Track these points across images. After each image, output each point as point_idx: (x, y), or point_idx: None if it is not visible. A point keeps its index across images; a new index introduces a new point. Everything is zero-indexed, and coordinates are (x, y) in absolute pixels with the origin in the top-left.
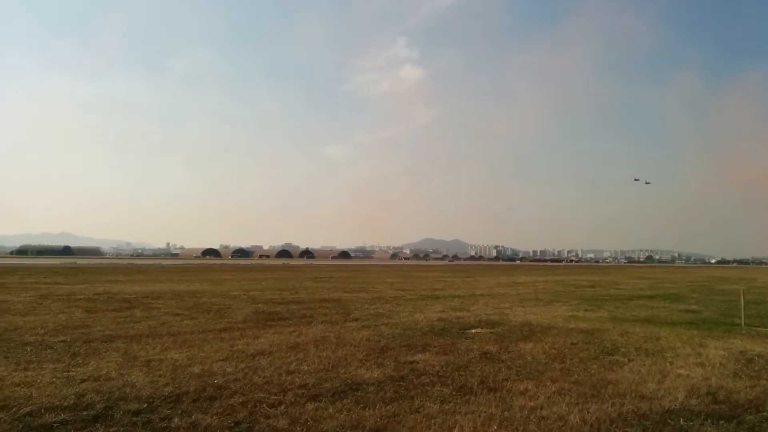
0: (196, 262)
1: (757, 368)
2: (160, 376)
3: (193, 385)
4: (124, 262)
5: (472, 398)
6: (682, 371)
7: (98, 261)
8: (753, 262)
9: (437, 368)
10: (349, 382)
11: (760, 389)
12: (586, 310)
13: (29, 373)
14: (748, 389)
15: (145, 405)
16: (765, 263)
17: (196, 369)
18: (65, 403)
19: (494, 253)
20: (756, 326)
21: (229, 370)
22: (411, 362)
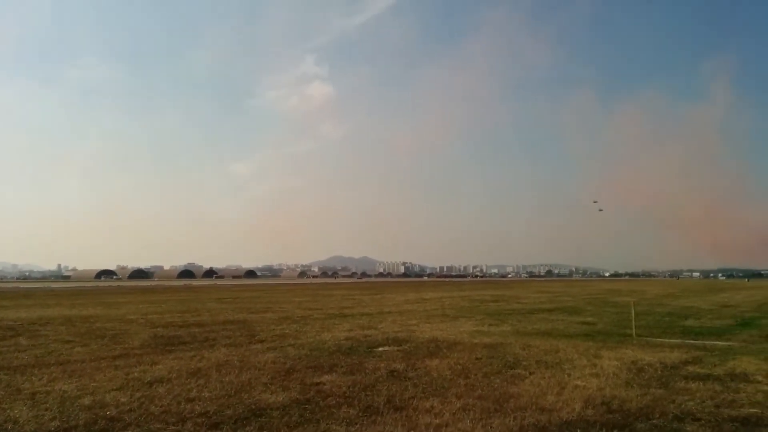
0: (89, 284)
1: (647, 377)
2: (47, 409)
3: (83, 418)
4: (9, 285)
5: (379, 418)
6: (579, 382)
7: None
8: (643, 275)
9: (344, 389)
10: (253, 407)
11: (650, 397)
12: (490, 324)
13: None
14: (639, 397)
15: None
16: (654, 276)
17: (87, 400)
18: None
19: (402, 270)
20: (646, 336)
21: (123, 400)
22: (317, 384)
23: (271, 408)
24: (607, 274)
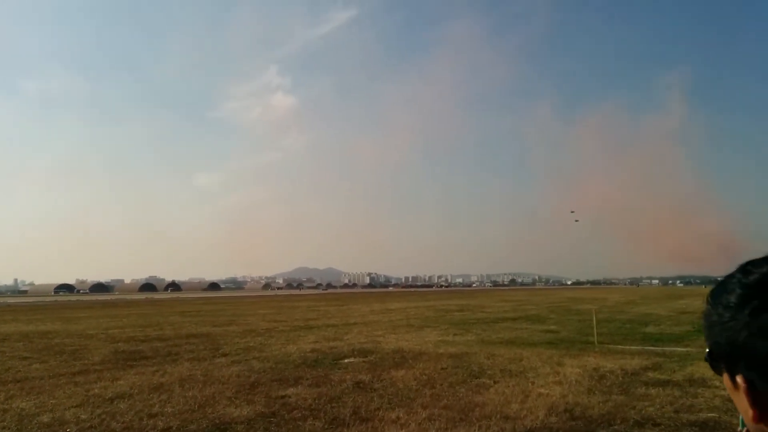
0: (48, 299)
1: (608, 383)
2: (4, 427)
3: None
4: None
5: (345, 430)
6: (542, 390)
7: None
8: (604, 283)
9: (309, 401)
10: (217, 422)
11: (611, 404)
12: (455, 334)
13: None
14: (601, 404)
15: None
16: (615, 283)
17: (46, 418)
18: None
19: (368, 281)
20: (607, 343)
21: (83, 417)
22: (282, 397)
23: (236, 422)
24: (569, 283)
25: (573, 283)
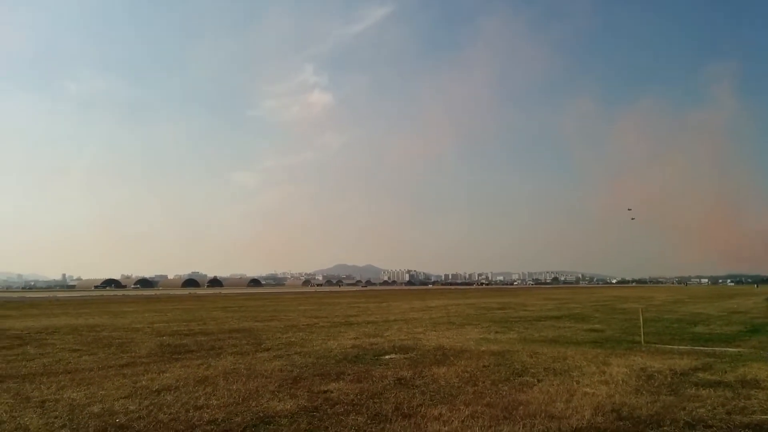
0: (94, 293)
1: (656, 384)
2: (56, 417)
3: (93, 426)
4: (14, 295)
5: (387, 426)
6: (588, 389)
7: None
8: (651, 282)
9: (351, 397)
10: (261, 414)
11: (660, 404)
12: (496, 332)
13: None
14: (649, 405)
15: None
16: (661, 282)
17: (96, 408)
18: None
19: (407, 278)
20: (654, 343)
21: (131, 407)
22: (325, 392)
23: (280, 416)
24: (614, 281)
25: (618, 282)
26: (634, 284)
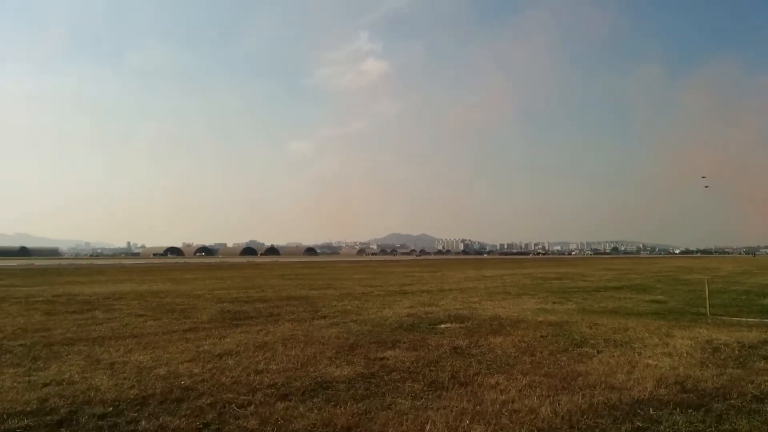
0: (157, 261)
1: (723, 357)
2: (125, 378)
3: (159, 387)
4: (83, 262)
5: (444, 393)
6: (650, 361)
7: (56, 262)
8: (716, 252)
9: (408, 364)
10: (319, 380)
11: (726, 377)
12: (554, 302)
13: None
14: (714, 377)
15: (111, 408)
16: (728, 253)
17: (162, 371)
18: (28, 408)
19: (462, 247)
20: (721, 315)
21: (195, 371)
22: (381, 359)
23: (337, 381)
24: (677, 251)
25: (681, 252)
26: (698, 255)
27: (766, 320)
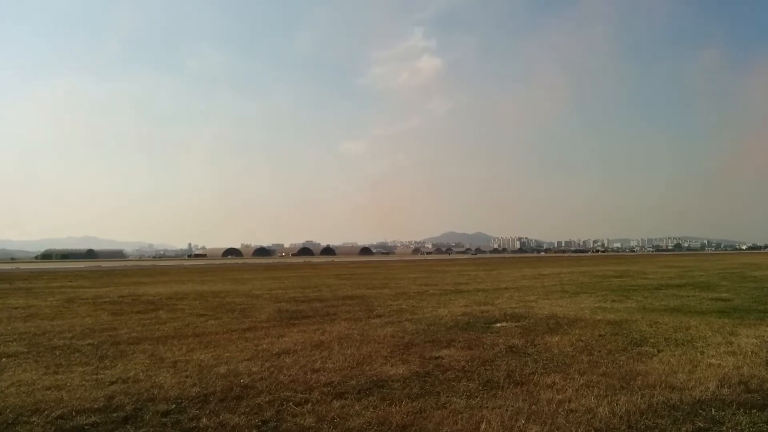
0: (217, 262)
1: None
2: (187, 376)
3: (220, 385)
4: (147, 263)
5: (499, 392)
6: (713, 360)
7: (122, 263)
8: None
9: (463, 363)
10: (375, 378)
11: None
12: (613, 300)
13: (59, 377)
14: None
15: (174, 406)
16: None
17: (222, 369)
18: (95, 406)
19: (518, 245)
20: None
21: (254, 369)
22: (436, 358)
23: (392, 380)
24: (744, 247)
25: (748, 248)
26: (767, 250)
27: None
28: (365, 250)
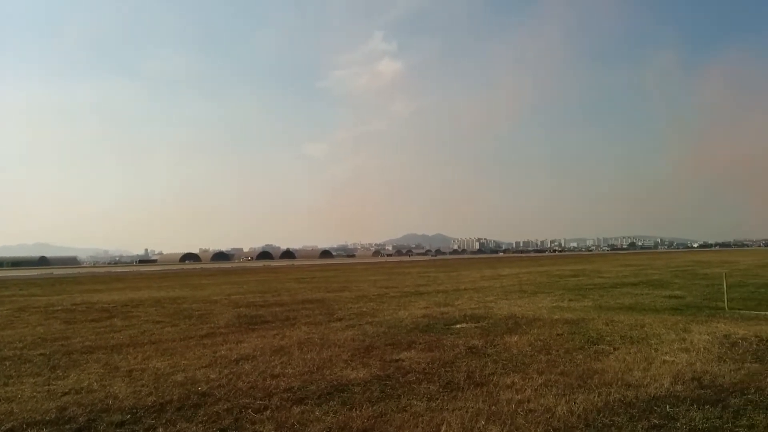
0: (175, 267)
1: (741, 351)
2: (143, 385)
3: (177, 394)
4: (102, 270)
5: (459, 394)
6: (667, 357)
7: (76, 270)
8: (735, 245)
9: (423, 365)
10: (335, 383)
11: (744, 372)
12: (570, 300)
13: (9, 389)
14: (732, 372)
15: (129, 416)
16: (747, 246)
17: (179, 377)
18: (47, 418)
19: (477, 246)
20: (739, 309)
21: (212, 376)
22: (397, 360)
23: (353, 384)
24: (695, 246)
25: (699, 246)
26: (717, 248)
27: None
28: (326, 253)
